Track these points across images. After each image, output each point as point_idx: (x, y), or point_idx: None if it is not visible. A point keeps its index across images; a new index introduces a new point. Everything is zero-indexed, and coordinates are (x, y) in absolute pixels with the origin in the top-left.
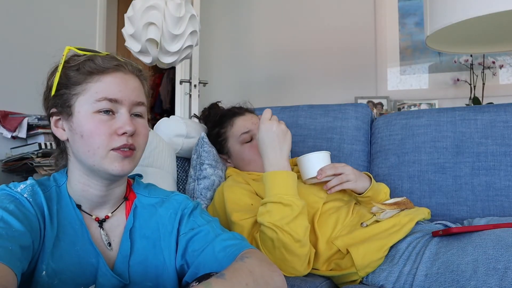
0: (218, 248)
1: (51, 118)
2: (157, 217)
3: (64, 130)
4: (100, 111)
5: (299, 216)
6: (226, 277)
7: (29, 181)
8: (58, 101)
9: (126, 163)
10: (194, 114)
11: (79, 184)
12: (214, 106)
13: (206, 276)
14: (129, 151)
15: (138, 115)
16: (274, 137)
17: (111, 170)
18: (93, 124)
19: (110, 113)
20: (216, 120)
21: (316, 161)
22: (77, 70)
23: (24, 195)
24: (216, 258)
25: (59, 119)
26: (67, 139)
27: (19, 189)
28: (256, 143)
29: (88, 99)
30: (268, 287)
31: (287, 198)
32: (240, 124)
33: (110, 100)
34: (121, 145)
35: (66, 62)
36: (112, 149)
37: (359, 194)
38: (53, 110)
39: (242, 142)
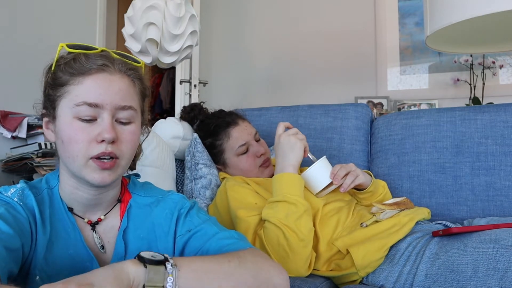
0: (214, 247)
1: (43, 119)
2: (153, 217)
3: (53, 132)
4: (80, 117)
5: (304, 216)
6: (208, 256)
7: (20, 184)
8: (47, 102)
9: (106, 175)
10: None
11: (68, 186)
12: (198, 107)
13: None
14: (109, 161)
15: (124, 121)
16: (280, 148)
17: (91, 180)
18: (72, 131)
19: (91, 118)
20: (210, 131)
21: (321, 171)
22: (63, 70)
23: (14, 199)
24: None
25: (49, 120)
26: (55, 142)
27: (9, 193)
28: (252, 153)
29: (68, 103)
30: (260, 273)
31: (292, 197)
32: (237, 136)
33: (90, 104)
34: (100, 153)
35: (58, 60)
36: (92, 158)
37: (364, 189)
38: (43, 111)
39: (238, 154)
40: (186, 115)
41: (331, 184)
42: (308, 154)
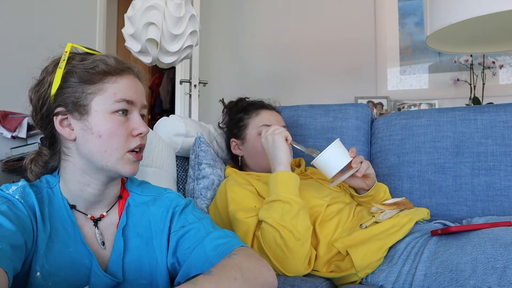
0: (209, 247)
1: (55, 117)
2: (149, 215)
3: (72, 129)
4: (117, 112)
5: (300, 214)
6: (213, 273)
7: (21, 182)
8: (67, 99)
9: (136, 165)
10: (222, 99)
11: (78, 184)
12: (242, 100)
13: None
14: (140, 153)
15: (143, 116)
16: (267, 150)
17: (124, 172)
18: (113, 125)
19: (127, 114)
20: (243, 107)
21: (338, 152)
22: (91, 69)
23: (16, 197)
24: (207, 257)
25: (66, 118)
26: (74, 139)
27: (10, 191)
28: None
29: (106, 99)
30: (257, 281)
31: (286, 196)
32: (265, 117)
33: (127, 101)
34: (137, 145)
35: (69, 59)
36: (129, 151)
37: (366, 190)
38: (60, 109)
39: (259, 133)
40: (229, 104)
41: (348, 168)
42: (292, 144)
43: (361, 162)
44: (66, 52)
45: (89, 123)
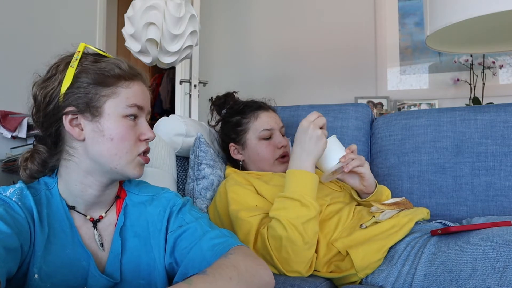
0: (206, 247)
1: (65, 116)
2: (147, 215)
3: (81, 130)
4: (129, 116)
5: (313, 220)
6: (207, 273)
7: (18, 184)
8: (79, 100)
9: (143, 168)
10: (211, 98)
11: (80, 184)
12: (230, 95)
13: None
14: (147, 156)
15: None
16: (306, 139)
17: (132, 175)
18: (124, 129)
19: (134, 119)
20: (239, 109)
21: (334, 146)
22: (106, 71)
23: (13, 199)
24: (204, 257)
25: (76, 118)
26: (83, 139)
27: (8, 193)
28: (273, 142)
29: (119, 103)
30: (253, 280)
31: (307, 199)
32: (265, 120)
33: (138, 107)
34: (145, 149)
35: (81, 59)
36: (139, 154)
37: (369, 193)
38: (71, 108)
39: (260, 138)
40: (217, 101)
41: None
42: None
43: (353, 159)
44: (79, 51)
45: (101, 125)
